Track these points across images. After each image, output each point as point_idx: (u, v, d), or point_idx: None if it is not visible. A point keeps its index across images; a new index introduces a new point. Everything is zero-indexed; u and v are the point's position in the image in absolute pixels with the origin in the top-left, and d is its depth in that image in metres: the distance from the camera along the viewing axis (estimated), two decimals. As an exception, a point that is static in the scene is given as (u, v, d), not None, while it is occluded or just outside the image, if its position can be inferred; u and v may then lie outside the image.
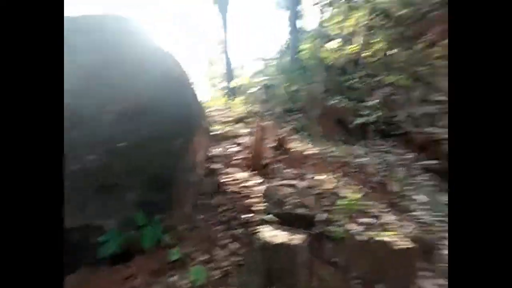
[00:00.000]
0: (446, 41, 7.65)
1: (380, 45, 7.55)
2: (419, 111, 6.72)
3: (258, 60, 10.01)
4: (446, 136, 5.22)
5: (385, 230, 2.31)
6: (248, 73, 10.46)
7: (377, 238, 2.16)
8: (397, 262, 2.12)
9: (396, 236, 2.20)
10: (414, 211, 2.96)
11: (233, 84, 9.11)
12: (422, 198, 3.30)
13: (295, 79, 6.49)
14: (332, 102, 5.49)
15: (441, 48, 7.59)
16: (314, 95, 5.60)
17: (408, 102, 6.85)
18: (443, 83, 7.25)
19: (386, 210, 2.66)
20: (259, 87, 7.26)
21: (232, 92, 9.20)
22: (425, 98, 7.09)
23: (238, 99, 7.81)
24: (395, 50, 7.30)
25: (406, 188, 3.41)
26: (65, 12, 1.36)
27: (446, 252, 2.37)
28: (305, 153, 3.76)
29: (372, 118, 5.39)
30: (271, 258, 1.99)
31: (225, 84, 10.34)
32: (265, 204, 2.54)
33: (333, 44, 7.93)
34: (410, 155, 4.96)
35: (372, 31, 7.69)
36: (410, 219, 2.77)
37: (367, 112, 5.34)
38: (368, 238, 2.16)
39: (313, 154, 3.60)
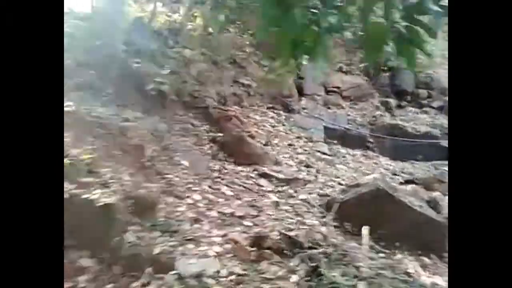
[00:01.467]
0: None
1: (201, 21, 7.49)
2: (228, 90, 6.94)
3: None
4: (237, 113, 5.49)
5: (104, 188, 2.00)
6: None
7: (84, 196, 1.84)
8: (99, 218, 1.84)
9: (105, 193, 1.93)
10: (163, 173, 2.86)
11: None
12: (185, 162, 3.30)
13: (98, 34, 5.60)
14: (136, 65, 4.96)
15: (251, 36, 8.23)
16: (112, 53, 4.94)
17: (220, 81, 6.99)
18: (252, 68, 7.79)
19: (126, 171, 2.39)
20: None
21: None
22: (236, 79, 7.38)
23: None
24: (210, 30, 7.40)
25: (176, 154, 3.30)
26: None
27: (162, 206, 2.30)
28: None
29: (174, 88, 5.16)
30: None
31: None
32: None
33: (159, 7, 7.36)
34: (205, 127, 4.97)
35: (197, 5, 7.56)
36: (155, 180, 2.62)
37: (168, 81, 5.09)
38: (70, 196, 1.79)
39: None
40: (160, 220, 2.18)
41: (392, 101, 8.15)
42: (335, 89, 8.50)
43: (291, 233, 2.36)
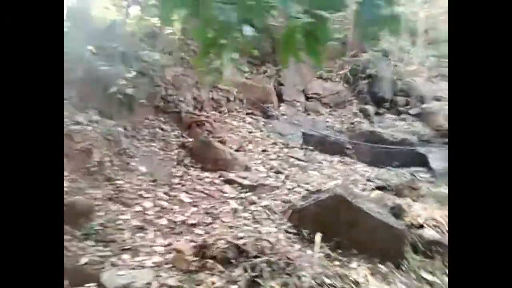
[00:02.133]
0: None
1: (178, 24, 7.43)
2: (206, 96, 6.85)
3: None
4: (209, 119, 5.40)
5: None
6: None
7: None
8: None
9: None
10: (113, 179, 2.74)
11: None
12: (142, 168, 3.19)
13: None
14: (104, 68, 4.84)
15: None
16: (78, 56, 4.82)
17: (197, 86, 6.90)
18: (232, 74, 7.72)
19: (66, 177, 2.27)
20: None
21: None
22: (215, 85, 7.29)
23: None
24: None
25: (134, 159, 3.19)
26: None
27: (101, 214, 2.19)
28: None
29: (145, 92, 5.06)
30: None
31: None
32: None
33: (135, 10, 7.28)
34: (175, 132, 4.87)
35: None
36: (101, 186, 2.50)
37: (137, 85, 4.98)
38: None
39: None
40: (96, 229, 2.06)
41: (371, 108, 8.19)
42: (315, 95, 8.52)
43: (240, 242, 2.27)
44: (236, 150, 5.15)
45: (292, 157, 6.03)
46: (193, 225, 2.62)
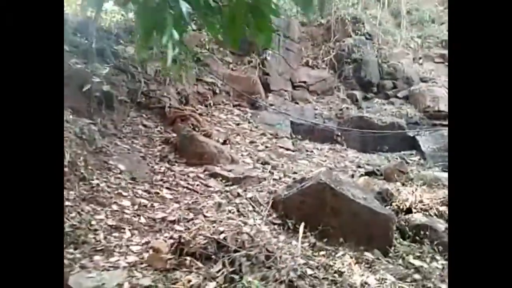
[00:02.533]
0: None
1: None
2: (191, 89, 6.70)
3: None
4: (193, 113, 5.28)
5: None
6: None
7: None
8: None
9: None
10: (88, 179, 2.63)
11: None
12: (121, 166, 3.08)
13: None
14: (78, 66, 4.67)
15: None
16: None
17: (181, 80, 6.74)
18: (216, 66, 7.56)
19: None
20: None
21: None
22: (199, 78, 7.15)
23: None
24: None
25: (112, 158, 3.08)
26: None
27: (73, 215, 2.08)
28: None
29: (124, 88, 4.91)
30: None
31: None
32: None
33: (109, 6, 7.05)
34: (159, 128, 4.74)
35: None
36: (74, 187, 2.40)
37: (113, 81, 4.82)
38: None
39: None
40: (66, 231, 1.97)
41: (358, 93, 8.12)
42: (301, 84, 8.42)
43: (221, 236, 2.20)
44: (223, 143, 5.06)
45: (281, 147, 5.96)
46: (174, 221, 2.54)
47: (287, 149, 5.88)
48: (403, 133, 7.29)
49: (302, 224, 2.57)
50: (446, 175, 4.80)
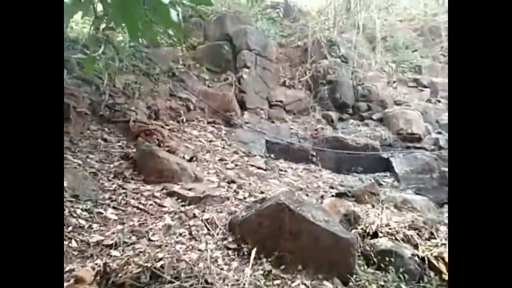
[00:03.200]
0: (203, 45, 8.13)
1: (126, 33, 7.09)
2: (163, 104, 6.48)
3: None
4: (159, 127, 5.05)
5: None
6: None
7: None
8: None
9: None
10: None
11: None
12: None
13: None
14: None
15: (192, 53, 7.92)
16: None
17: (152, 94, 6.51)
18: (192, 82, 7.39)
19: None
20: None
21: None
22: (173, 93, 6.96)
23: None
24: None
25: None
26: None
27: None
28: None
29: (84, 100, 4.64)
30: None
31: None
32: None
33: (78, 15, 6.85)
34: (121, 143, 4.44)
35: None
36: None
37: (74, 92, 4.56)
38: None
39: None
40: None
41: (333, 114, 8.13)
42: (278, 103, 8.37)
43: (158, 264, 1.93)
44: (189, 160, 4.81)
45: (252, 165, 5.75)
46: (111, 246, 2.25)
47: (259, 168, 5.68)
48: (377, 155, 7.27)
49: (254, 250, 2.33)
50: (417, 197, 4.71)
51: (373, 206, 4.45)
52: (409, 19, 11.08)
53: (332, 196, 5.04)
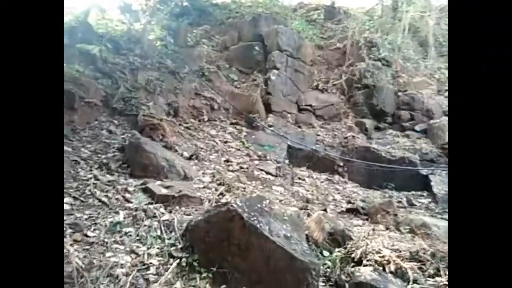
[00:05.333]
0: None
1: (160, 32, 7.25)
2: (186, 102, 6.51)
3: None
4: (162, 122, 4.96)
5: None
6: None
7: None
8: None
9: None
10: None
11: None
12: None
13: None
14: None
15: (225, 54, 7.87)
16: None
17: (174, 92, 6.57)
18: (219, 82, 7.33)
19: None
20: None
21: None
22: (199, 92, 6.97)
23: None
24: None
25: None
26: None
27: None
28: None
29: (100, 92, 4.75)
30: None
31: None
32: None
33: (115, 15, 7.20)
34: (126, 135, 4.44)
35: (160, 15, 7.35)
36: None
37: (82, 82, 4.66)
38: None
39: None
40: None
41: (369, 122, 7.34)
42: (308, 107, 7.85)
43: (69, 269, 1.68)
44: (188, 158, 4.61)
45: (261, 169, 5.36)
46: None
47: (267, 173, 5.26)
48: (414, 171, 6.31)
49: (196, 262, 1.96)
50: (441, 223, 3.86)
51: (386, 228, 3.76)
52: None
53: (342, 211, 4.42)
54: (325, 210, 3.97)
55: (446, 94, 7.74)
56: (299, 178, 6.19)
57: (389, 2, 9.12)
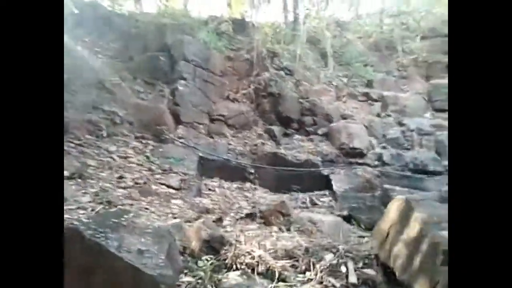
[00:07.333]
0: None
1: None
2: (81, 117, 5.86)
3: None
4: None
5: None
6: None
7: None
8: None
9: None
10: None
11: None
12: None
13: None
14: None
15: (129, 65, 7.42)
16: None
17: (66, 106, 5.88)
18: (122, 94, 6.87)
19: None
20: None
21: None
22: (97, 106, 6.38)
23: None
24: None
25: None
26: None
27: None
28: None
29: None
30: None
31: None
32: None
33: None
34: None
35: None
36: None
37: None
38: None
39: None
40: None
41: (276, 129, 7.61)
42: (219, 117, 7.82)
43: None
44: (68, 178, 4.12)
45: (162, 184, 5.09)
46: None
47: (169, 187, 5.00)
48: (317, 172, 6.71)
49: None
50: (328, 218, 4.10)
51: (279, 229, 3.82)
52: (367, 35, 10.93)
53: (240, 217, 4.40)
54: (219, 218, 3.88)
55: (344, 99, 8.50)
56: (209, 189, 6.06)
57: (292, 17, 9.77)
